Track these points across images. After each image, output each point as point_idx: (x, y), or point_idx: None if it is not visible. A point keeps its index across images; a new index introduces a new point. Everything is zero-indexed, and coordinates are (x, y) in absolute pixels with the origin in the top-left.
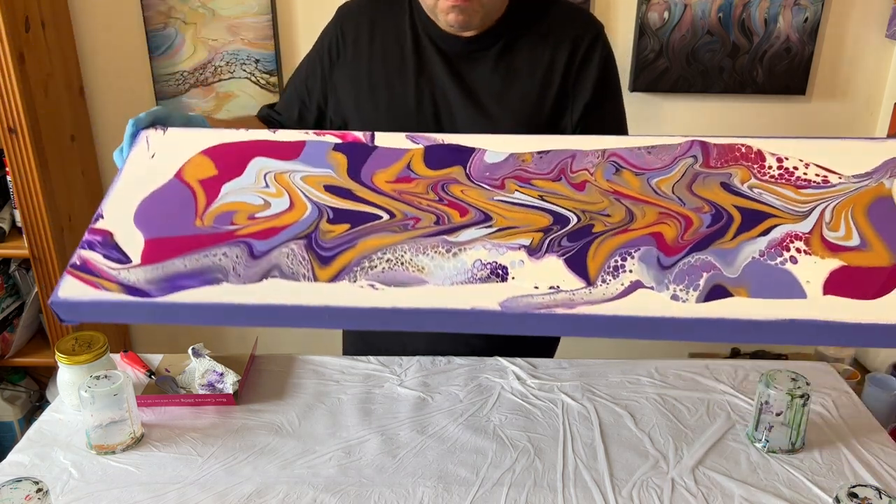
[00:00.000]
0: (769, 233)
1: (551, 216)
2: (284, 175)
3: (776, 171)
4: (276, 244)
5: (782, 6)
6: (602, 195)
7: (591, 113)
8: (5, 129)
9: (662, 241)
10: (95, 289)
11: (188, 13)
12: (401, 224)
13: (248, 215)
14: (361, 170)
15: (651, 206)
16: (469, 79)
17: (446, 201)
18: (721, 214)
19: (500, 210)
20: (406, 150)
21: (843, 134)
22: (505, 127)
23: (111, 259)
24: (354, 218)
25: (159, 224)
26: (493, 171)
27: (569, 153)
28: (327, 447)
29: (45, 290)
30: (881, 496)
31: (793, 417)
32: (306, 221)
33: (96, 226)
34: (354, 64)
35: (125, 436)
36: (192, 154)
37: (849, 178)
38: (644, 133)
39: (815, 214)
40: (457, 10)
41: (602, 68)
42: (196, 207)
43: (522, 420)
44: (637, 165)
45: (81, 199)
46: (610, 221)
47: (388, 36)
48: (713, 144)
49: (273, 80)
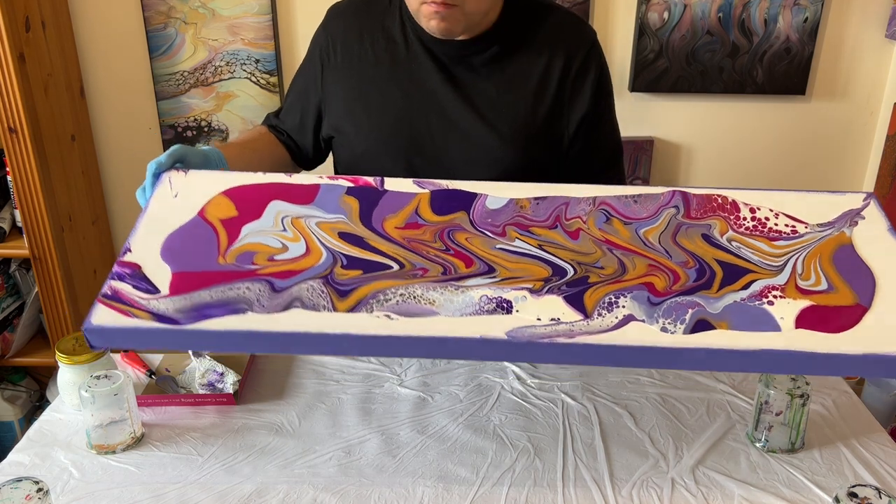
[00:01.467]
0: (749, 286)
1: (550, 267)
2: (300, 219)
3: (750, 223)
4: (296, 282)
5: (782, 6)
6: (595, 244)
7: (588, 123)
8: (5, 129)
9: (653, 289)
10: (127, 316)
11: (188, 13)
12: (410, 273)
13: (268, 257)
14: (373, 214)
15: (641, 257)
16: (462, 83)
17: (452, 251)
18: (705, 270)
19: (502, 260)
20: (414, 194)
21: (842, 134)
22: (499, 132)
23: (140, 289)
24: (366, 266)
25: (185, 259)
26: (494, 218)
27: (563, 200)
28: (327, 447)
29: (45, 290)
30: (881, 496)
31: (792, 417)
32: (322, 266)
33: (125, 258)
34: (344, 67)
35: (125, 435)
36: (214, 194)
37: (814, 226)
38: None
39: (788, 267)
40: (438, 16)
41: (597, 78)
42: (219, 245)
43: (522, 420)
44: (625, 214)
45: (81, 199)
46: (604, 273)
47: (378, 39)
48: (693, 195)
49: (273, 80)
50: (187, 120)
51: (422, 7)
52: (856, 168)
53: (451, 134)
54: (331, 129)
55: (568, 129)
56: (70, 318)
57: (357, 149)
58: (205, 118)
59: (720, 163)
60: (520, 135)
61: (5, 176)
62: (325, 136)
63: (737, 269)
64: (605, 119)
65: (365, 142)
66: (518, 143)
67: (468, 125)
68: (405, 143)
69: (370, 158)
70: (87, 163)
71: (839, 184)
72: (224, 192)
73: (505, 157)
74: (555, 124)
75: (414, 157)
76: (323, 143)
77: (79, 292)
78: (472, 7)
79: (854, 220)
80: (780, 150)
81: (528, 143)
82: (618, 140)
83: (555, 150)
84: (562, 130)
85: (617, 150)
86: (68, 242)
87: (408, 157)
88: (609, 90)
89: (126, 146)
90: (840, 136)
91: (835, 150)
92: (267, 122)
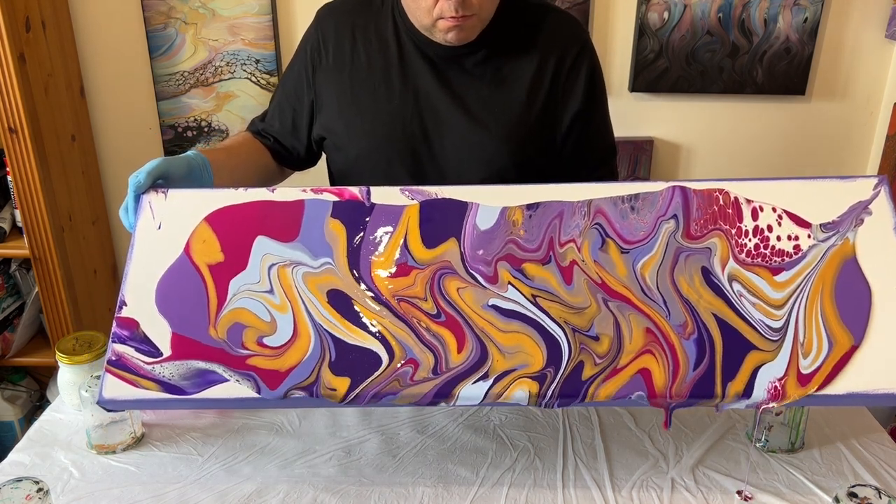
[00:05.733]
0: (752, 385)
1: (544, 344)
2: (287, 269)
3: (752, 242)
4: (283, 391)
5: (782, 6)
6: (590, 294)
7: (580, 123)
8: (6, 129)
9: (651, 386)
10: (135, 387)
11: (188, 13)
12: (400, 374)
13: (257, 339)
14: (360, 256)
15: (637, 314)
16: (456, 84)
17: (444, 316)
18: (704, 343)
19: (495, 332)
20: (402, 208)
21: (842, 134)
22: (493, 133)
23: (143, 353)
24: (355, 364)
25: (180, 315)
26: (486, 248)
27: (556, 212)
28: (327, 447)
29: (45, 290)
30: (881, 496)
31: (792, 417)
32: (308, 365)
33: (122, 314)
34: (336, 69)
35: (125, 435)
36: (196, 222)
37: (817, 235)
38: (644, 133)
39: (789, 336)
40: (458, 28)
41: (590, 77)
42: (209, 308)
43: (522, 420)
44: (621, 235)
45: (81, 199)
46: (599, 353)
47: (370, 40)
48: (693, 192)
49: (273, 81)
50: (187, 120)
51: (437, 23)
52: (856, 168)
53: (444, 135)
54: (322, 130)
55: (560, 127)
56: (70, 318)
57: (351, 151)
58: (205, 118)
59: (720, 163)
60: (513, 134)
61: (5, 176)
62: (317, 136)
63: (737, 337)
64: (598, 117)
65: (358, 144)
66: (511, 142)
67: (461, 126)
68: (399, 145)
69: (364, 160)
70: (87, 163)
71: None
72: (207, 218)
73: (499, 157)
74: (548, 123)
75: (408, 158)
76: (315, 145)
77: (79, 292)
78: (487, 13)
79: (860, 219)
80: (780, 150)
81: (522, 143)
82: (611, 139)
83: (548, 148)
84: (555, 129)
85: (609, 149)
86: (68, 242)
87: (402, 159)
88: (602, 89)
89: (126, 146)
90: (840, 136)
91: (835, 150)
92: (252, 129)
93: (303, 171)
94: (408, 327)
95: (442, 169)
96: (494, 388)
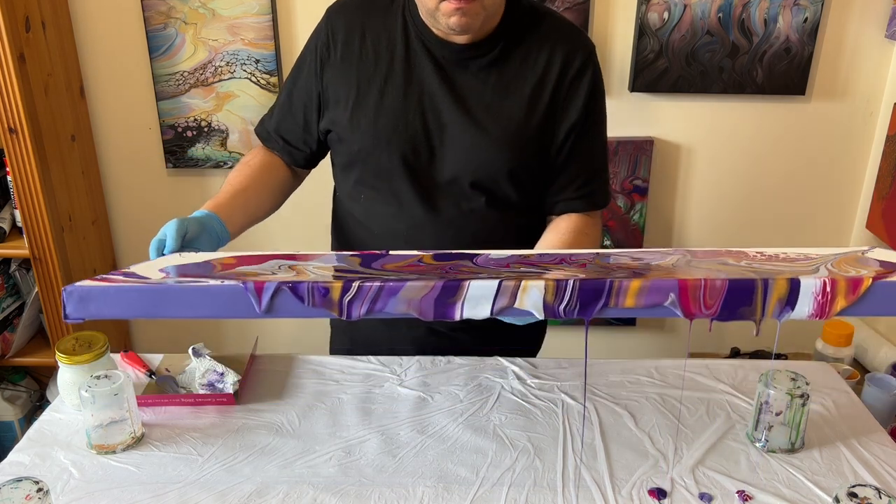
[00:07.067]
0: (797, 288)
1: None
2: (300, 266)
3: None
4: (271, 290)
5: (782, 6)
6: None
7: (576, 135)
8: (5, 129)
9: (686, 298)
10: (105, 283)
11: (188, 13)
12: (407, 260)
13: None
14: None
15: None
16: (459, 86)
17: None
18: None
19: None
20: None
21: (842, 134)
22: (493, 136)
23: (131, 277)
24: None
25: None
26: (498, 262)
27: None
28: (327, 447)
29: (46, 290)
30: (881, 496)
31: (792, 417)
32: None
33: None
34: (344, 63)
35: (125, 435)
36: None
37: (826, 255)
38: (644, 133)
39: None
40: (460, 12)
41: (591, 90)
42: (213, 266)
43: (522, 420)
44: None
45: (81, 199)
46: (625, 267)
47: (379, 39)
48: (698, 255)
49: (273, 80)
50: (187, 120)
51: (441, 5)
52: (856, 168)
53: (444, 135)
54: (328, 123)
55: (557, 136)
56: None
57: (353, 144)
58: (205, 118)
59: (720, 163)
60: (513, 139)
61: (5, 176)
62: (323, 129)
63: (773, 272)
64: (594, 131)
65: (360, 137)
66: (510, 146)
67: (461, 127)
68: (401, 142)
69: (366, 156)
70: (87, 163)
71: (839, 184)
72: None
73: (495, 161)
74: (547, 130)
75: (409, 156)
76: (322, 138)
77: None
78: (490, 1)
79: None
80: (780, 150)
81: (521, 148)
82: (604, 153)
83: (545, 155)
84: (552, 137)
85: (603, 164)
86: (68, 242)
87: (403, 156)
88: (602, 102)
89: (126, 146)
90: (840, 136)
91: (835, 150)
92: (261, 133)
93: (312, 168)
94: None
95: (438, 168)
96: (506, 282)
